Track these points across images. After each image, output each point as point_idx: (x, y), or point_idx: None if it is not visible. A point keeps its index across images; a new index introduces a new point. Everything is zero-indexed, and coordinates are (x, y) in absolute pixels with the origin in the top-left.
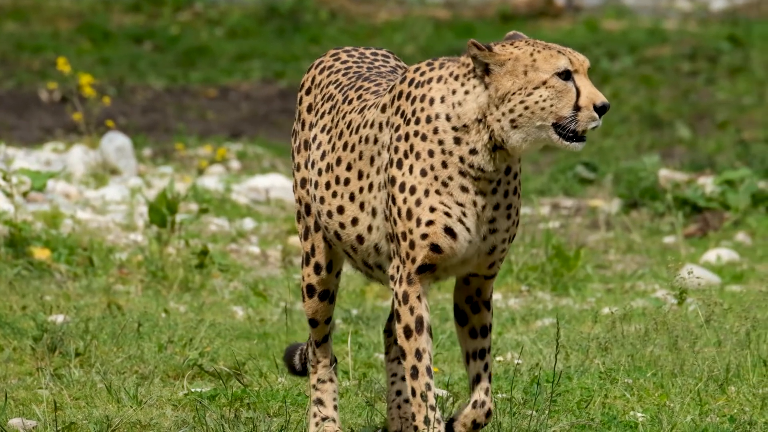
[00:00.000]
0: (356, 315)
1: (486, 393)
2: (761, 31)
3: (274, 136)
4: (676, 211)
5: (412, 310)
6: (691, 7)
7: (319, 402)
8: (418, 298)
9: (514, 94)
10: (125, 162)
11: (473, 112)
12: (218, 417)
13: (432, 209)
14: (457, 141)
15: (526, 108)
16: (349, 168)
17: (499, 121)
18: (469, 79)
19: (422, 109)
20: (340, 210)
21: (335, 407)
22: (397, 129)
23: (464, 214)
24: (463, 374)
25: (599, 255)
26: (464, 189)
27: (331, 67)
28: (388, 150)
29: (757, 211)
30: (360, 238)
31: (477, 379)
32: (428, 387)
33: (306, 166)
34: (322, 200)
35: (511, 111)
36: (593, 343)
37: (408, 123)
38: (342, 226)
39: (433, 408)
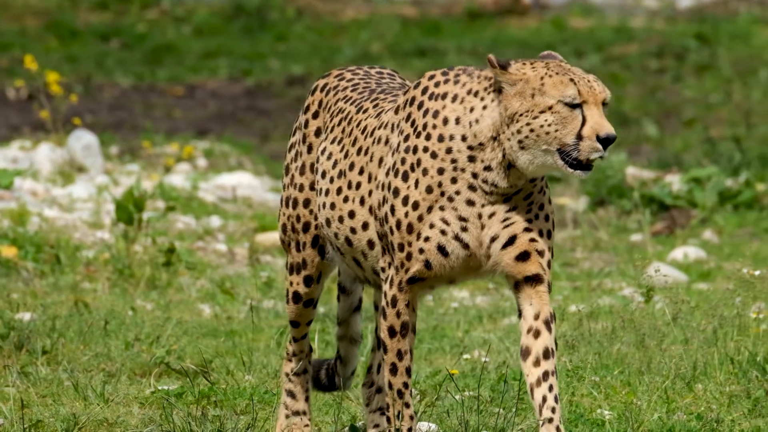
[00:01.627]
0: (323, 313)
1: (552, 412)
2: (728, 28)
3: (241, 134)
4: (644, 208)
5: (398, 314)
6: (658, 5)
7: (291, 394)
8: (407, 304)
9: (521, 115)
10: (92, 160)
11: (489, 129)
12: (185, 415)
13: (431, 225)
14: (472, 159)
15: (532, 131)
16: (361, 172)
17: (509, 140)
18: (489, 93)
19: (434, 126)
20: (351, 215)
21: (307, 398)
22: (406, 138)
23: (464, 229)
24: (431, 371)
25: (566, 253)
26: (470, 203)
27: (336, 86)
28: (393, 155)
29: (724, 209)
30: (371, 243)
31: (544, 400)
32: (405, 385)
33: (311, 189)
34: (332, 206)
35: (519, 132)
36: (560, 341)
37: (418, 136)
38: (353, 231)
39: (407, 405)
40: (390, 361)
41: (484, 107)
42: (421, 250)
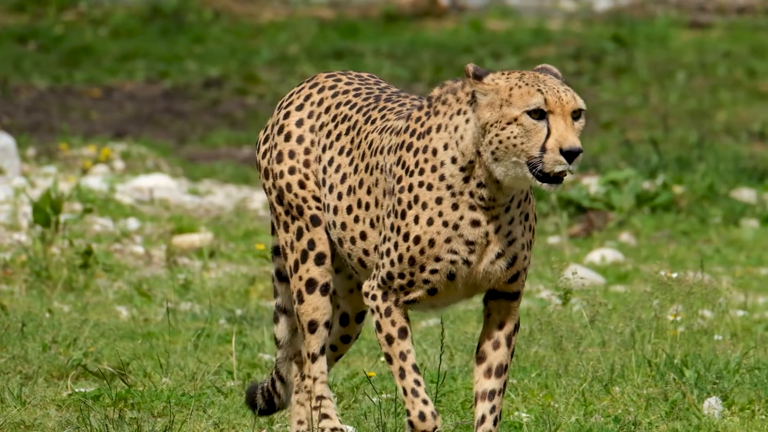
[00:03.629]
0: (240, 315)
1: None
2: (645, 31)
3: (158, 136)
4: (561, 211)
5: (393, 322)
6: (576, 8)
7: (325, 417)
8: (401, 315)
9: (492, 126)
10: (9, 162)
11: (471, 143)
12: (102, 417)
13: (437, 259)
14: (467, 180)
15: (500, 142)
16: (369, 192)
17: (485, 152)
18: (470, 105)
19: (426, 161)
20: (363, 236)
21: (339, 421)
22: (399, 180)
23: (471, 251)
24: (348, 374)
25: None
26: (476, 223)
27: (334, 87)
28: (390, 198)
29: (641, 211)
30: None
31: (481, 420)
32: (417, 383)
33: (290, 173)
34: (343, 226)
35: (490, 143)
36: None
37: (411, 174)
38: (366, 252)
39: (425, 402)
40: (396, 366)
41: (467, 120)
42: (426, 281)
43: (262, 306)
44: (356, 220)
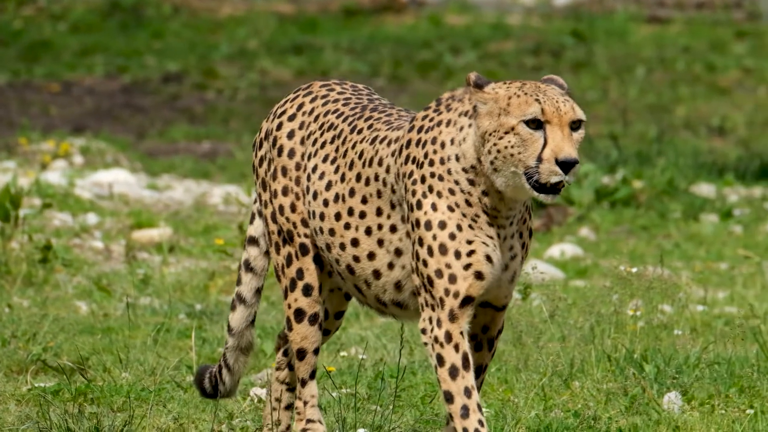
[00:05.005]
0: (200, 310)
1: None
2: (604, 26)
3: (117, 130)
4: None
5: (457, 347)
6: (535, 2)
7: None
8: (461, 334)
9: (490, 135)
10: None
11: (472, 149)
12: (62, 412)
13: (469, 241)
14: (471, 183)
15: (498, 151)
16: (364, 201)
17: (485, 161)
18: (471, 115)
19: (434, 152)
20: (355, 243)
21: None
22: (410, 175)
23: (495, 246)
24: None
25: None
26: (490, 225)
27: (326, 96)
28: (406, 199)
29: (600, 206)
30: (377, 273)
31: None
32: (481, 423)
33: (284, 194)
34: (332, 232)
35: (489, 152)
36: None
37: (421, 167)
38: (356, 259)
39: None
40: (459, 404)
41: (470, 125)
42: (468, 266)
43: (222, 301)
44: (347, 227)
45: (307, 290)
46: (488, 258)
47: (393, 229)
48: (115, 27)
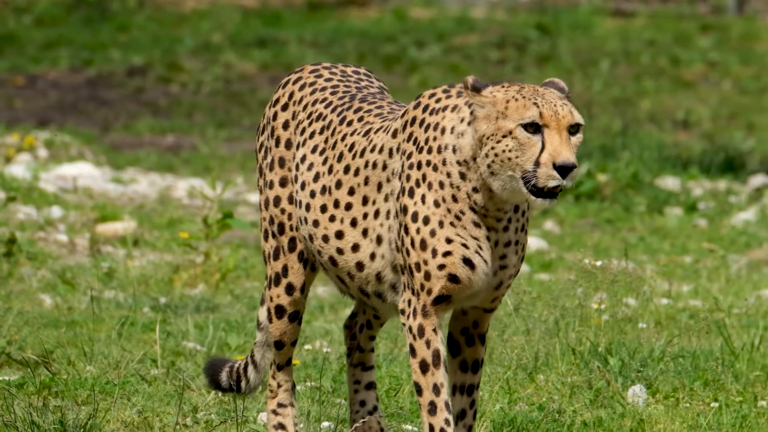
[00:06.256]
0: (164, 303)
1: (468, 430)
2: (569, 19)
3: (82, 124)
4: None
5: (428, 343)
6: None
7: (281, 427)
8: (434, 330)
9: (488, 138)
10: None
11: (469, 147)
12: (26, 405)
13: (448, 240)
14: (463, 176)
15: (496, 155)
16: (351, 192)
17: (482, 165)
18: (469, 117)
19: (434, 138)
20: (339, 235)
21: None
22: (409, 156)
23: (480, 247)
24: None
25: None
26: (477, 224)
27: (314, 84)
28: (400, 177)
29: (565, 199)
30: (360, 265)
31: (462, 415)
32: (447, 422)
33: (281, 185)
34: (315, 223)
35: (487, 156)
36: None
37: (420, 151)
38: (340, 251)
39: None
40: (427, 400)
41: (469, 122)
42: (441, 266)
43: (186, 294)
44: (332, 219)
45: (289, 289)
46: (467, 261)
47: (377, 214)
48: (79, 20)
